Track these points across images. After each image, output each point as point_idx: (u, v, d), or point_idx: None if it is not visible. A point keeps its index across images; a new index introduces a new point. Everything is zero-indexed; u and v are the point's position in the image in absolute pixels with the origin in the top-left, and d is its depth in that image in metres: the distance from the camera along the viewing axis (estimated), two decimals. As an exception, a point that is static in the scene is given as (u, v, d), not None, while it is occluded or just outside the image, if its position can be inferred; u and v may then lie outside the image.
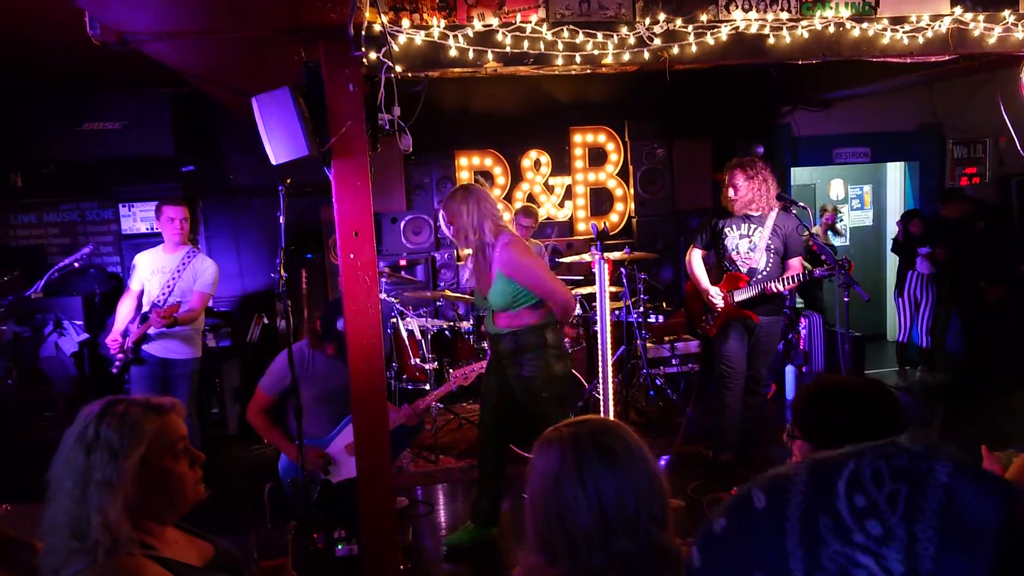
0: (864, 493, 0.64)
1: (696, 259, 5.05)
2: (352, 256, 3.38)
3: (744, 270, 4.85)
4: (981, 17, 3.86)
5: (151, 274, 4.96)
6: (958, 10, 3.84)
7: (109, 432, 1.58)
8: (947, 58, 3.97)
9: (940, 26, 3.82)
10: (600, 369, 4.25)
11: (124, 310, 4.97)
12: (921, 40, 3.81)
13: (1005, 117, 4.20)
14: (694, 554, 0.82)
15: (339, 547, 3.77)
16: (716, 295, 4.89)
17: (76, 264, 5.00)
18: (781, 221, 4.81)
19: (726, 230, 4.89)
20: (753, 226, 4.83)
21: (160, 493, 1.64)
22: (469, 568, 4.15)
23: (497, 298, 3.87)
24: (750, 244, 4.83)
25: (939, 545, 0.60)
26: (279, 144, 3.22)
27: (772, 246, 4.81)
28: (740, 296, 4.84)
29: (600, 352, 4.22)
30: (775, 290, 4.75)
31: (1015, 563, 0.60)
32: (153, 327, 4.76)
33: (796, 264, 4.84)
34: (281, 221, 3.91)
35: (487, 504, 4.25)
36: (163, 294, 4.89)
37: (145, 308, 4.91)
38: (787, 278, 4.74)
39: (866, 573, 0.62)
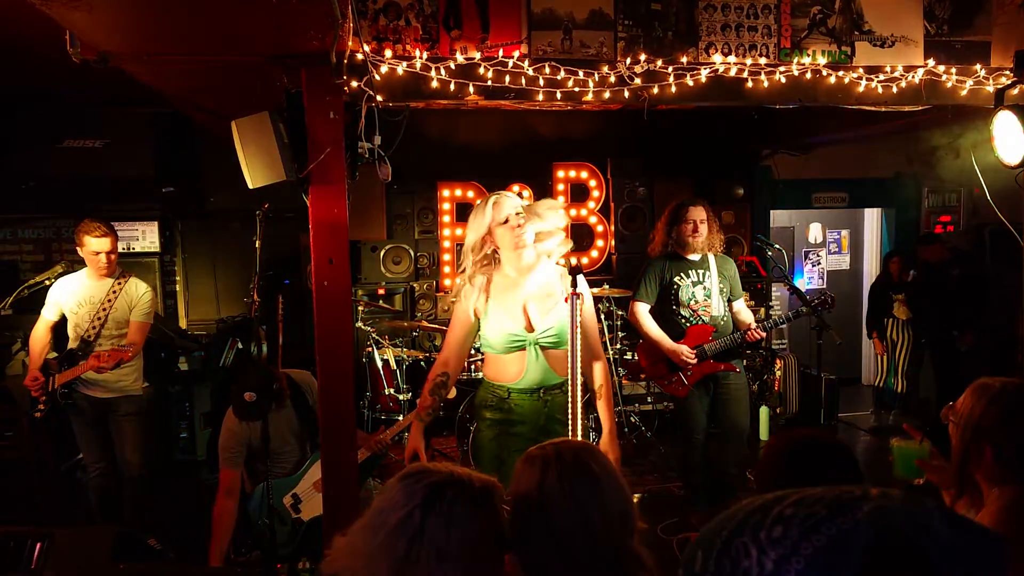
0: (793, 508, 0.66)
1: (646, 315, 4.56)
2: (326, 283, 3.37)
3: (706, 319, 4.49)
4: (954, 70, 3.95)
5: (77, 305, 4.44)
6: (931, 62, 3.93)
7: (437, 530, 1.43)
8: (920, 108, 4.05)
9: (913, 77, 3.90)
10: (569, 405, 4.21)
11: (40, 343, 4.42)
12: (895, 90, 3.89)
13: (976, 168, 4.27)
14: None
15: (303, 578, 3.70)
16: (688, 354, 4.42)
17: (47, 282, 4.92)
18: (721, 263, 4.58)
19: (676, 280, 4.50)
20: (701, 271, 4.52)
21: None
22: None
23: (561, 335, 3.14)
24: (705, 291, 4.50)
25: (806, 566, 0.61)
26: (257, 168, 3.22)
27: (724, 290, 4.55)
28: (712, 349, 4.45)
29: (571, 389, 4.18)
30: (756, 338, 4.52)
31: None
32: (93, 371, 4.24)
33: (742, 306, 4.65)
34: (257, 246, 3.89)
35: None
36: (94, 327, 4.39)
37: (72, 343, 4.42)
38: (766, 324, 4.58)
39: (748, 563, 0.64)
